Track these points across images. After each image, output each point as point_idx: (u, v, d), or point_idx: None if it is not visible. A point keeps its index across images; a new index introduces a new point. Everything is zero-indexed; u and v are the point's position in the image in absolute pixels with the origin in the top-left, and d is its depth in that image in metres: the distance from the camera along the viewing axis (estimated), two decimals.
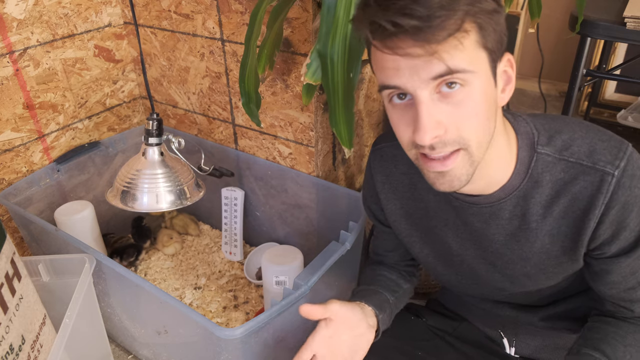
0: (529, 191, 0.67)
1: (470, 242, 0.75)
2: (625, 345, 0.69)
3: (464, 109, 0.56)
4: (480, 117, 0.58)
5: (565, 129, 0.66)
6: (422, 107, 0.56)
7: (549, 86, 2.47)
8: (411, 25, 0.51)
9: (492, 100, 0.59)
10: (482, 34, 0.55)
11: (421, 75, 0.54)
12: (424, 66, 0.54)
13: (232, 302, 1.40)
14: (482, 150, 0.60)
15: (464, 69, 0.54)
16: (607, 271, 0.69)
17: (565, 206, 0.66)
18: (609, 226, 0.64)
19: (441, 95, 0.56)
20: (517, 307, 0.84)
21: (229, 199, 1.49)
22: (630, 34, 1.36)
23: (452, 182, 0.61)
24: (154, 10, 1.37)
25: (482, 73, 0.56)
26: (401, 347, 0.88)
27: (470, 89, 0.56)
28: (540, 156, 0.65)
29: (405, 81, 0.55)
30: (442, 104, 0.56)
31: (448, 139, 0.57)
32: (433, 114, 0.56)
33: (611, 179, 0.62)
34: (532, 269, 0.73)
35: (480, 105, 0.57)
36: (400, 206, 0.80)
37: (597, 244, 0.67)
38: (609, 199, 0.63)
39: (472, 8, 0.53)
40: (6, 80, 1.25)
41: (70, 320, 0.93)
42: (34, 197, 1.35)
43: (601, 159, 0.63)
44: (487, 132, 0.59)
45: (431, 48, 0.52)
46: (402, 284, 0.90)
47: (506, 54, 0.60)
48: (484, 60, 0.56)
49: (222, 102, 1.38)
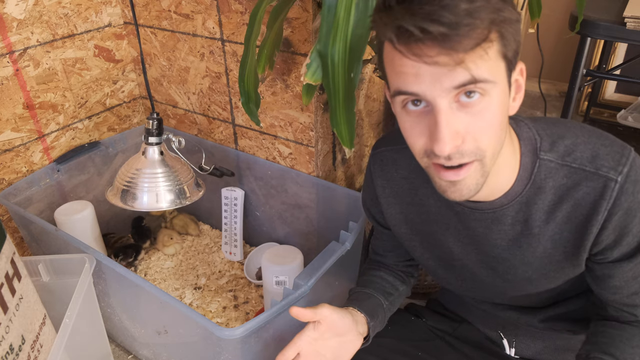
0: (531, 197, 0.66)
1: (471, 247, 0.75)
2: (632, 346, 0.69)
3: (482, 119, 0.55)
4: (496, 128, 0.57)
5: (568, 134, 0.66)
6: (442, 117, 0.54)
7: (549, 86, 2.47)
8: (439, 32, 0.49)
9: (506, 109, 0.58)
10: (503, 44, 0.54)
11: (443, 84, 0.53)
12: (447, 74, 0.52)
13: (232, 302, 1.40)
14: (494, 160, 0.60)
15: (486, 79, 0.53)
16: (610, 276, 0.68)
17: (568, 212, 0.65)
18: (612, 232, 0.64)
19: (460, 104, 0.54)
20: (517, 308, 0.84)
21: (229, 199, 1.49)
22: (630, 34, 1.36)
23: (463, 191, 0.60)
24: (154, 10, 1.37)
25: (501, 83, 0.56)
26: (401, 348, 0.88)
27: (489, 99, 0.55)
28: (543, 162, 0.65)
29: (425, 89, 0.54)
30: (460, 114, 0.55)
31: (465, 150, 0.56)
32: (452, 123, 0.54)
33: (614, 185, 0.62)
34: (533, 274, 0.73)
35: (497, 115, 0.56)
36: (401, 210, 0.80)
37: (600, 249, 0.66)
38: (612, 205, 0.62)
39: (497, 17, 0.52)
40: (6, 80, 1.25)
41: (70, 320, 0.93)
42: (34, 197, 1.35)
43: (604, 164, 0.63)
44: (500, 142, 0.59)
45: (458, 57, 0.51)
46: (399, 285, 0.89)
47: (519, 63, 0.60)
48: (502, 70, 0.56)
49: (222, 102, 1.38)
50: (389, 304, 0.85)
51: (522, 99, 0.62)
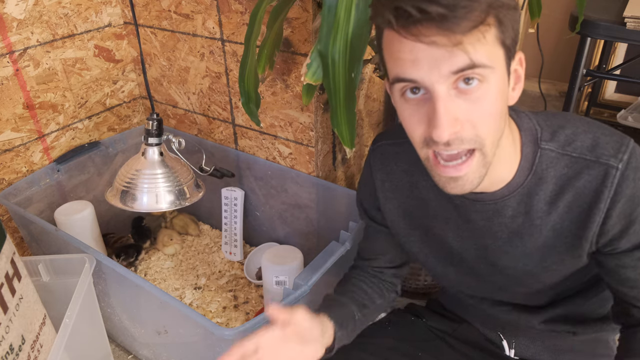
0: (533, 188, 0.66)
1: (471, 242, 0.75)
2: None
3: (481, 106, 0.55)
4: (495, 116, 0.57)
5: (568, 125, 0.66)
6: (440, 103, 0.54)
7: (549, 86, 2.47)
8: (438, 12, 0.50)
9: (505, 98, 0.59)
10: (501, 30, 0.54)
11: (441, 69, 0.53)
12: (446, 59, 0.52)
13: (232, 302, 1.40)
14: (494, 149, 0.60)
15: (484, 64, 0.53)
16: (622, 266, 0.67)
17: (570, 201, 0.65)
18: (617, 221, 0.64)
19: (458, 91, 0.55)
20: (516, 309, 0.84)
21: (229, 199, 1.49)
22: (630, 34, 1.36)
23: (465, 185, 0.60)
24: (154, 10, 1.37)
25: (499, 70, 0.56)
26: (401, 348, 0.88)
27: (487, 86, 0.55)
28: (544, 152, 0.65)
29: (423, 74, 0.54)
30: (459, 100, 0.55)
31: (464, 137, 0.56)
32: (451, 110, 0.54)
33: (615, 172, 0.62)
34: (534, 267, 0.72)
35: (496, 103, 0.56)
36: (400, 205, 0.80)
37: (607, 239, 0.66)
38: (614, 192, 0.62)
39: (495, 1, 0.52)
40: (6, 80, 1.25)
41: (70, 320, 0.93)
42: (34, 197, 1.35)
43: (604, 152, 0.63)
44: (499, 131, 0.59)
45: (456, 38, 0.51)
46: (376, 299, 0.87)
47: (518, 52, 0.60)
48: (501, 57, 0.56)
49: (222, 102, 1.38)
50: (362, 316, 0.83)
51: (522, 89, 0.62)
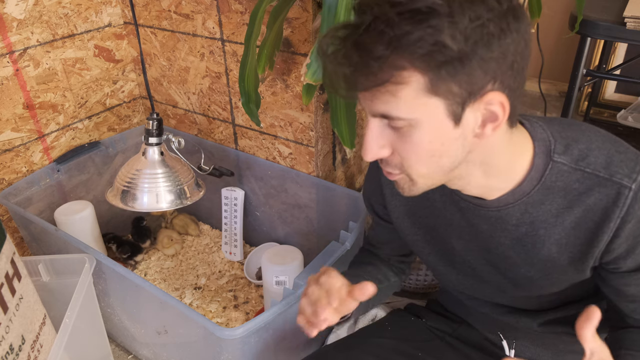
0: (539, 198, 0.66)
1: (474, 244, 0.75)
2: None
3: (407, 143, 0.58)
4: (422, 155, 0.58)
5: (582, 138, 0.65)
6: (368, 132, 0.59)
7: (549, 86, 2.47)
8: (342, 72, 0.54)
9: (446, 139, 0.57)
10: (433, 83, 0.52)
11: (366, 109, 0.58)
12: (368, 104, 0.57)
13: (232, 302, 1.40)
14: (430, 179, 0.62)
15: (399, 117, 0.55)
16: (626, 284, 0.68)
17: (578, 217, 0.65)
18: (624, 240, 0.64)
19: (389, 123, 0.58)
20: (515, 311, 0.84)
21: (229, 199, 1.49)
22: (630, 34, 1.36)
23: (404, 191, 0.64)
24: (154, 10, 1.37)
25: (430, 119, 0.55)
26: (401, 348, 0.88)
27: (416, 129, 0.56)
28: (556, 165, 0.64)
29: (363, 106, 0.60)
30: (389, 130, 0.58)
31: (390, 161, 0.61)
32: (377, 139, 0.59)
33: (628, 192, 0.61)
34: (535, 274, 0.72)
35: (429, 144, 0.57)
36: (405, 203, 0.80)
37: (611, 258, 0.66)
38: (625, 213, 0.62)
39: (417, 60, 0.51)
40: (6, 80, 1.25)
41: (70, 320, 0.93)
42: (34, 197, 1.35)
43: (618, 171, 0.62)
44: (433, 168, 0.60)
45: (362, 95, 0.56)
46: (391, 276, 0.90)
47: (496, 94, 0.54)
48: (434, 107, 0.54)
49: (222, 102, 1.38)
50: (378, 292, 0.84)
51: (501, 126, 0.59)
